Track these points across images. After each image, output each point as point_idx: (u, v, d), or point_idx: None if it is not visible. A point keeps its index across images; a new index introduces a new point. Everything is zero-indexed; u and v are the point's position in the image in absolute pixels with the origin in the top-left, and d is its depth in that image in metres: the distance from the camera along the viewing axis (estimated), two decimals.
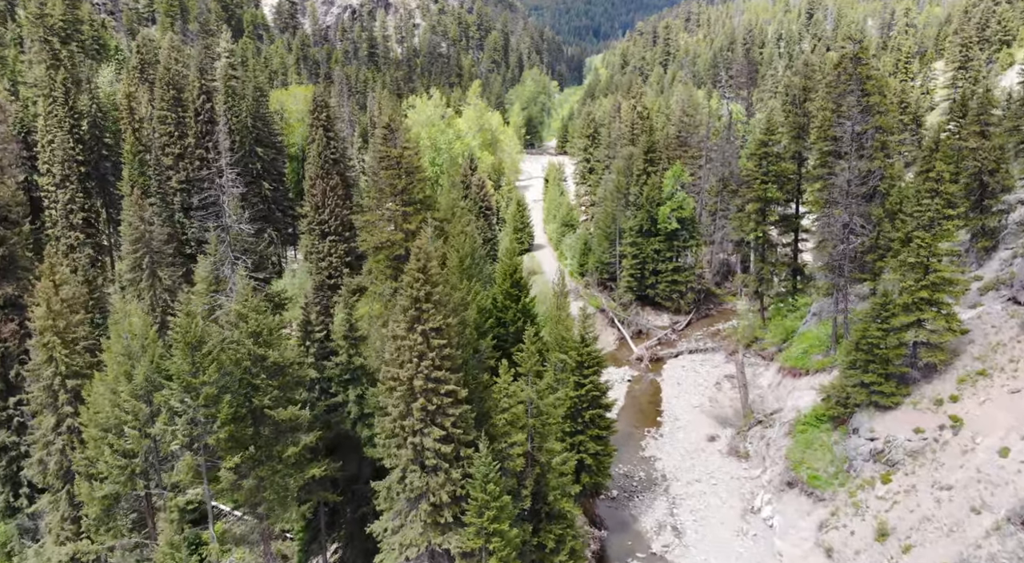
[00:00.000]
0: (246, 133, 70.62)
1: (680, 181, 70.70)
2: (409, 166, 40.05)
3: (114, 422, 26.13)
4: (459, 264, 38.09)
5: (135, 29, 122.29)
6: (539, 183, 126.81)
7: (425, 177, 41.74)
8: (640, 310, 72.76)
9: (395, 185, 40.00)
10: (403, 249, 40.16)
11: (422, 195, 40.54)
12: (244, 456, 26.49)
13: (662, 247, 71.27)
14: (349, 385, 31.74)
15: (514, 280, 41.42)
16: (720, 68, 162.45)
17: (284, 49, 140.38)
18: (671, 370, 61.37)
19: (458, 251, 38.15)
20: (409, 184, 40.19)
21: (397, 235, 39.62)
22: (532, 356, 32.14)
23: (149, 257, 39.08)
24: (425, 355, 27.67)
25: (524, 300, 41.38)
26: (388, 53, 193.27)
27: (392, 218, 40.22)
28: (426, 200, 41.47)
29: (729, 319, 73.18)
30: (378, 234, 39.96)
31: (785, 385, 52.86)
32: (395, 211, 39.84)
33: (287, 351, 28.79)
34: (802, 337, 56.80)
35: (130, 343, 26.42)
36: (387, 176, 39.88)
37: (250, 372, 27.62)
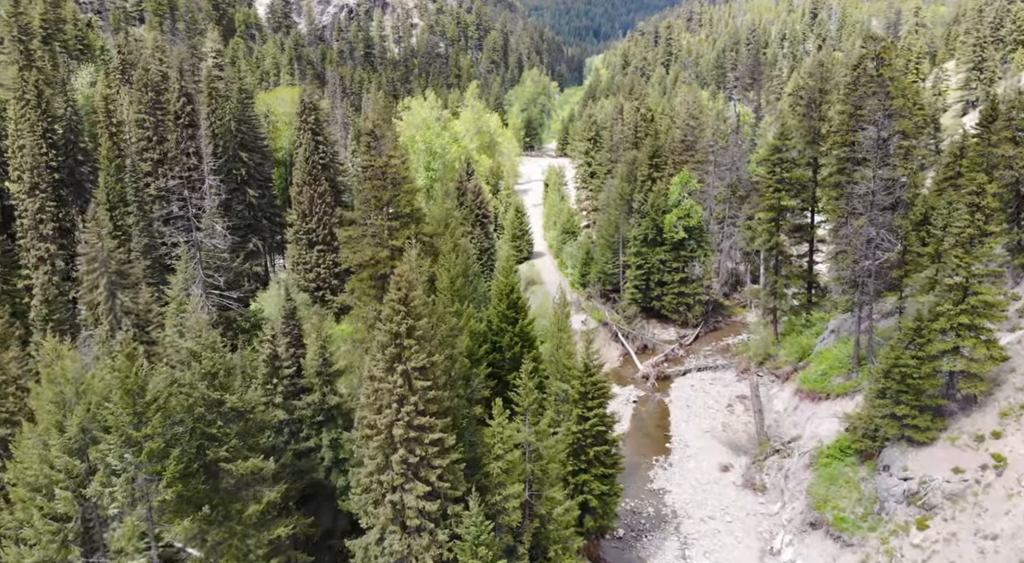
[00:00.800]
0: (230, 137, 67.01)
1: (688, 188, 67.05)
2: (396, 176, 36.45)
3: (44, 481, 22.48)
4: (450, 285, 34.46)
5: (123, 29, 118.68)
6: (539, 186, 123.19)
7: (413, 188, 38.11)
8: (645, 323, 69.14)
9: (380, 197, 36.41)
10: (389, 267, 36.54)
11: (410, 208, 36.93)
12: (196, 518, 22.86)
13: (668, 257, 67.65)
14: (323, 427, 28.14)
15: (511, 301, 37.77)
16: (725, 69, 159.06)
17: (277, 49, 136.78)
18: (679, 389, 57.73)
19: (449, 270, 34.51)
20: (395, 196, 36.59)
21: (382, 252, 36.06)
22: (530, 393, 28.50)
23: (107, 278, 35.41)
24: (406, 399, 24.05)
25: (522, 323, 37.72)
26: (385, 53, 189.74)
27: (377, 233, 36.64)
28: (415, 213, 37.85)
29: (739, 332, 69.56)
30: (361, 250, 36.37)
31: (803, 410, 49.22)
32: (380, 226, 36.26)
33: (249, 392, 25.10)
34: (820, 356, 53.15)
35: (63, 388, 22.77)
36: (371, 187, 36.28)
37: (204, 419, 23.96)
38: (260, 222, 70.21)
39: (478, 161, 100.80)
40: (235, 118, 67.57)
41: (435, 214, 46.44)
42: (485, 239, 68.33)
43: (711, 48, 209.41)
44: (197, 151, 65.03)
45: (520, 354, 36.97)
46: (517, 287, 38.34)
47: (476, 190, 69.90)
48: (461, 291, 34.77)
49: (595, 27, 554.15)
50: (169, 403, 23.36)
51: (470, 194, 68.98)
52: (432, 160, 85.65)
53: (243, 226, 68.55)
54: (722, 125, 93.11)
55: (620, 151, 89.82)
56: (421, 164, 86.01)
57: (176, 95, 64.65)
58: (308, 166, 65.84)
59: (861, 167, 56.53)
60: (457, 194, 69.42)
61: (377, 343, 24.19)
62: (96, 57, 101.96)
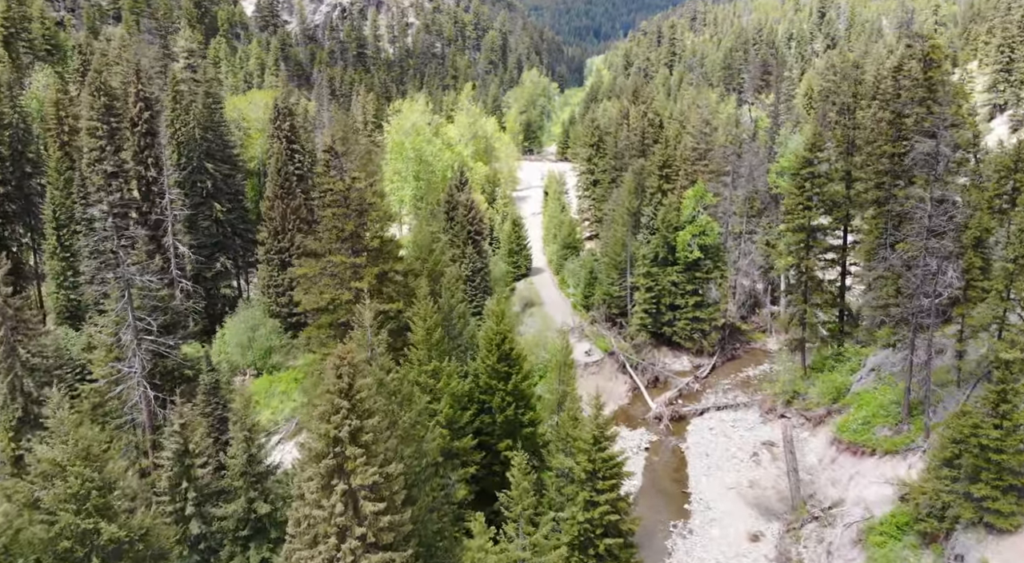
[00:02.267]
0: (194, 146, 60.29)
1: (703, 202, 60.33)
2: (360, 203, 29.83)
3: None
4: (425, 337, 27.77)
5: (97, 28, 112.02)
6: (538, 193, 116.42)
7: (384, 216, 31.43)
8: (655, 351, 62.44)
9: (341, 228, 29.79)
10: (352, 314, 29.94)
11: (378, 241, 30.27)
12: None
13: (681, 278, 60.92)
14: (250, 542, 21.44)
15: (502, 352, 31.10)
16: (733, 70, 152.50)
17: (262, 49, 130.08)
18: (697, 433, 51.05)
19: (425, 320, 27.81)
20: (361, 226, 29.97)
21: (344, 294, 29.51)
22: (524, 496, 21.83)
23: (4, 327, 28.76)
24: (350, 530, 17.31)
25: (516, 379, 31.02)
26: (379, 53, 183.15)
27: (338, 272, 30.04)
28: (385, 246, 31.20)
29: (759, 361, 62.87)
30: (319, 292, 29.78)
31: (843, 465, 42.53)
32: (341, 263, 29.65)
33: (139, 515, 18.39)
34: (859, 400, 46.46)
35: None
36: (331, 216, 29.66)
37: (71, 559, 17.23)
38: (229, 239, 63.54)
39: (473, 168, 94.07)
40: (200, 125, 60.84)
41: (418, 239, 39.86)
42: (478, 258, 61.62)
43: (716, 48, 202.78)
44: (157, 162, 58.35)
45: (513, 420, 30.31)
46: (510, 336, 31.59)
47: (469, 204, 63.21)
48: (439, 345, 28.07)
49: (595, 27, 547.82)
50: (19, 538, 16.62)
51: (461, 208, 62.28)
52: (422, 169, 78.94)
53: (210, 244, 61.91)
54: (734, 130, 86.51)
55: (626, 158, 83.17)
56: (410, 173, 79.35)
57: (133, 100, 58.01)
58: (280, 178, 59.21)
59: (901, 180, 50.07)
60: (447, 208, 62.74)
61: (308, 450, 17.49)
62: (66, 58, 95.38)
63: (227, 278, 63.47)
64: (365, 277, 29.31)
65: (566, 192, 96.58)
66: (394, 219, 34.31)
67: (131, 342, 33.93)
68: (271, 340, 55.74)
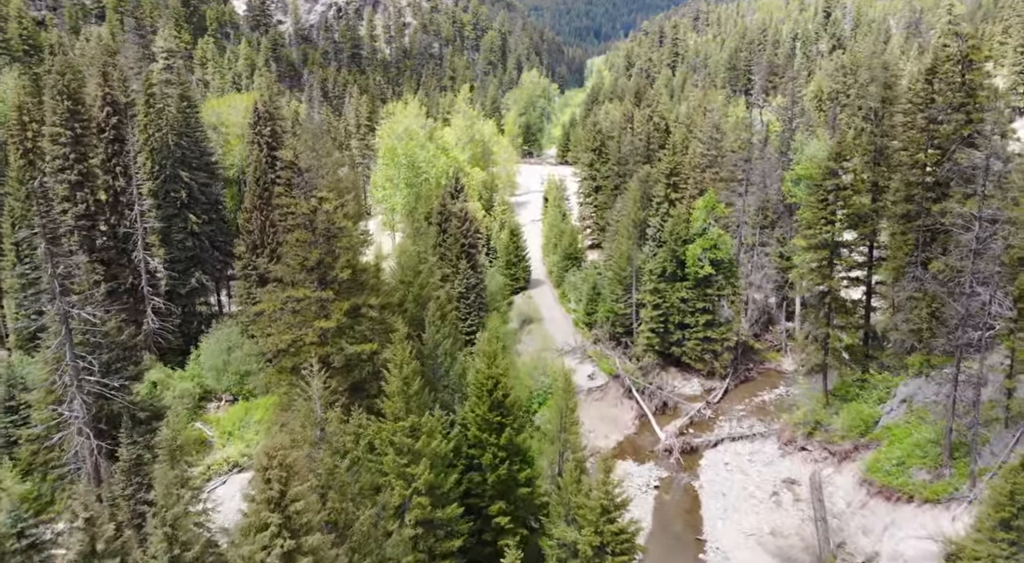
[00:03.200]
0: (167, 153, 56.03)
1: (715, 213, 56.07)
2: (328, 227, 25.56)
3: None
4: (402, 389, 23.49)
5: (80, 27, 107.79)
6: (538, 198, 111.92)
7: (358, 242, 27.15)
8: (663, 373, 58.21)
9: (306, 257, 25.52)
10: (319, 357, 25.64)
11: (348, 272, 25.97)
12: None
13: (691, 295, 56.68)
14: None
15: (495, 400, 26.83)
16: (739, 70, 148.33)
17: (253, 49, 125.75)
18: (711, 468, 46.77)
19: (402, 369, 23.52)
20: (329, 255, 25.71)
21: (308, 335, 25.27)
22: None
23: None
24: None
25: (510, 431, 26.70)
26: (375, 54, 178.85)
27: (302, 308, 25.79)
28: (358, 277, 26.91)
29: (775, 384, 58.63)
30: (278, 332, 25.53)
31: (876, 511, 38.27)
32: (305, 298, 25.39)
33: None
34: (890, 435, 42.24)
35: None
36: (294, 244, 25.37)
37: None
38: (206, 252, 59.25)
39: (469, 174, 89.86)
40: (174, 130, 56.56)
41: (403, 260, 35.57)
42: (473, 274, 57.33)
43: (719, 48, 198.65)
44: (125, 170, 54.11)
45: (508, 477, 26.03)
46: (504, 380, 27.25)
47: (463, 214, 58.92)
48: (418, 397, 23.79)
49: (596, 27, 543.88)
50: None
51: (455, 219, 58.00)
52: (415, 175, 74.67)
53: (184, 258, 57.68)
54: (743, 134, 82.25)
55: (630, 164, 78.96)
56: (402, 179, 75.10)
57: (99, 103, 53.78)
58: (260, 187, 55.03)
59: (933, 193, 45.85)
60: (439, 219, 58.48)
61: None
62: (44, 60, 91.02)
63: (204, 294, 59.24)
64: (333, 314, 25.11)
65: (567, 198, 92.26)
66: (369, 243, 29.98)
67: (71, 384, 29.66)
68: (248, 363, 51.42)
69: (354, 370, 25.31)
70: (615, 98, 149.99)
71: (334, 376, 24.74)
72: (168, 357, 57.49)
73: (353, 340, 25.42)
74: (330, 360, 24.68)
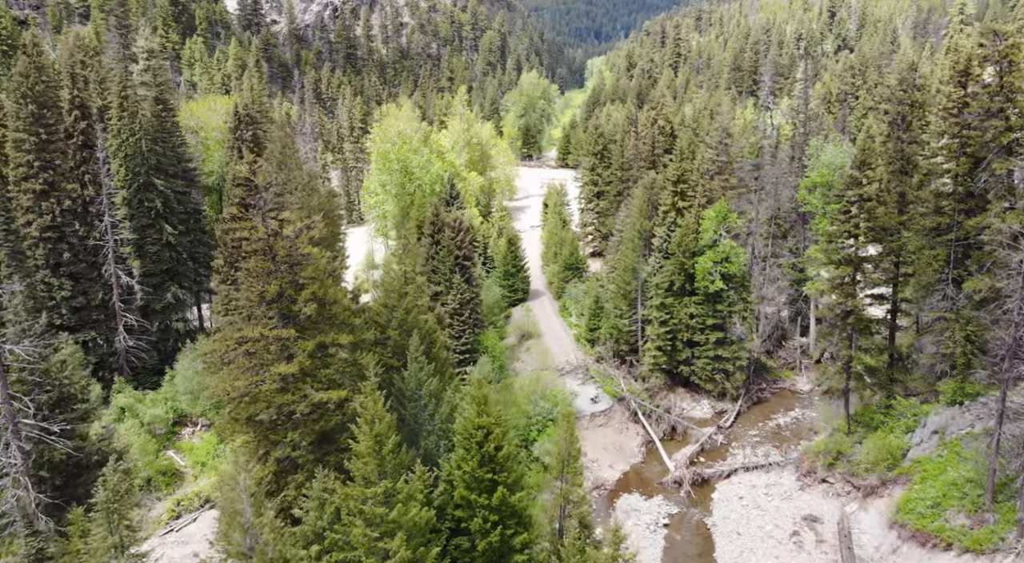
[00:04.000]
0: (140, 160, 52.42)
1: (726, 224, 52.45)
2: (291, 254, 21.94)
3: None
4: (373, 449, 19.85)
5: (64, 26, 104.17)
6: (537, 202, 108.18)
7: (324, 272, 23.48)
8: (671, 394, 54.62)
9: (264, 290, 21.90)
10: (276, 408, 22.01)
11: (312, 307, 22.29)
12: None
13: (701, 312, 53.10)
14: None
15: (485, 454, 23.16)
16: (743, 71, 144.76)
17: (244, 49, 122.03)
18: (724, 503, 43.11)
19: (373, 425, 19.88)
20: (291, 287, 22.10)
21: (264, 384, 21.66)
22: None
23: None
24: None
25: (503, 490, 23.03)
26: (372, 54, 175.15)
27: (258, 349, 22.17)
28: (326, 311, 23.25)
29: (789, 405, 55.03)
30: (231, 377, 21.92)
31: (909, 558, 34.65)
32: (261, 338, 21.78)
33: None
34: (922, 470, 38.62)
35: None
36: (250, 275, 21.74)
37: None
38: (183, 265, 55.62)
39: (466, 179, 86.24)
40: (148, 135, 52.94)
41: (386, 281, 31.96)
42: (467, 289, 53.71)
43: (722, 49, 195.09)
44: (95, 178, 50.54)
45: (500, 545, 22.38)
46: (498, 430, 23.57)
47: (457, 225, 55.28)
48: (393, 458, 20.15)
49: (596, 28, 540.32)
50: None
51: (448, 230, 54.38)
52: (408, 182, 71.05)
53: (159, 271, 54.10)
54: (753, 139, 78.65)
55: (634, 170, 75.40)
56: (394, 185, 71.49)
57: (67, 107, 50.24)
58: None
59: (966, 204, 42.21)
60: (432, 230, 54.85)
61: None
62: None
63: (181, 310, 55.55)
64: (296, 356, 21.50)
65: (567, 204, 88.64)
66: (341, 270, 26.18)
67: (5, 429, 26.04)
68: None
69: (320, 420, 21.74)
70: (617, 99, 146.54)
71: (296, 428, 21.14)
72: (143, 377, 53.94)
73: (320, 386, 21.84)
74: (291, 410, 21.10)
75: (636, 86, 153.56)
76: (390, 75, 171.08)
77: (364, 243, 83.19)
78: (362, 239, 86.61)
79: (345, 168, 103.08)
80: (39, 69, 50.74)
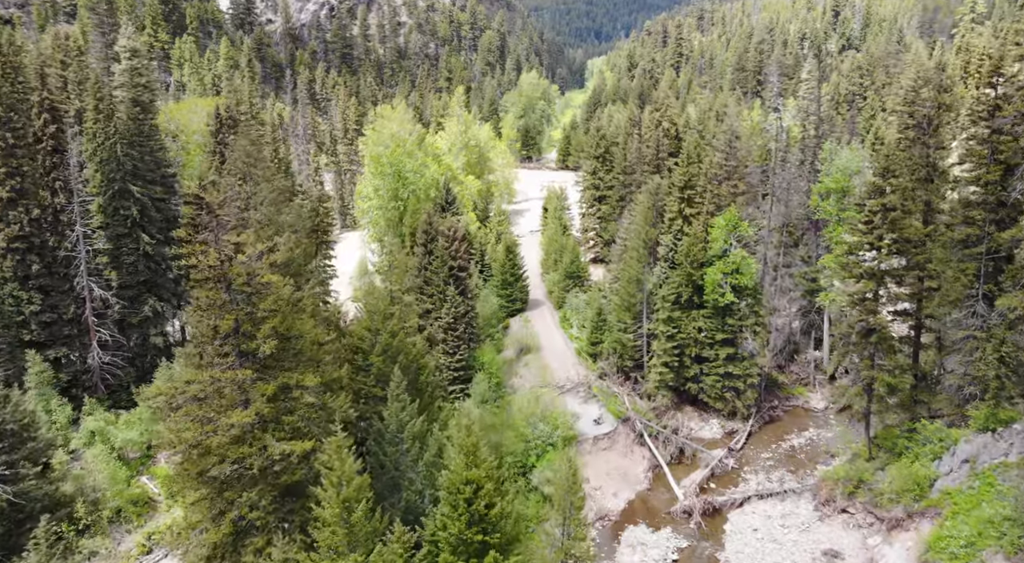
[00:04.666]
0: (115, 166, 49.45)
1: (737, 233, 49.46)
2: (249, 283, 18.94)
3: None
4: (339, 516, 16.82)
5: (49, 26, 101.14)
6: (537, 206, 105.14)
7: (291, 302, 20.44)
8: (678, 413, 51.64)
9: (214, 325, 18.90)
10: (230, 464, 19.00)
11: (271, 344, 19.24)
12: None
13: (710, 326, 50.12)
14: None
15: (475, 513, 20.05)
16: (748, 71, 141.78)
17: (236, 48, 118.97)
18: (737, 535, 40.10)
19: (339, 487, 16.86)
20: (249, 321, 19.10)
21: (215, 437, 18.64)
22: None
23: None
24: None
25: (494, 552, 19.97)
26: (369, 54, 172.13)
27: (210, 394, 19.17)
28: (289, 347, 20.22)
29: (803, 425, 52.03)
30: (178, 425, 18.90)
31: None
32: (214, 380, 18.78)
33: None
34: (952, 503, 35.60)
35: None
36: (199, 307, 18.72)
37: None
38: (161, 276, 52.63)
39: (463, 183, 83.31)
40: (124, 139, 49.95)
41: (369, 303, 28.94)
42: (462, 302, 50.70)
43: (725, 48, 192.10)
44: (66, 185, 47.57)
45: None
46: (489, 485, 20.45)
47: (452, 233, 52.31)
48: (363, 527, 17.10)
49: (596, 28, 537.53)
50: None
51: (442, 239, 51.40)
52: (402, 187, 68.04)
53: (136, 283, 51.15)
54: (758, 141, 75.66)
55: (637, 174, 72.44)
56: (387, 191, 68.51)
57: (36, 109, 47.26)
58: None
59: (997, 214, 39.20)
60: (424, 239, 51.88)
61: None
62: None
63: (159, 323, 52.57)
64: (254, 401, 18.48)
65: (568, 208, 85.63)
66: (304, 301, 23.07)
67: None
68: None
69: (283, 475, 18.78)
70: (618, 100, 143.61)
71: (255, 485, 18.16)
72: (119, 395, 50.94)
73: (283, 435, 18.85)
74: (248, 464, 18.13)
75: (638, 86, 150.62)
76: (387, 75, 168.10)
77: (358, 249, 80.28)
78: (356, 245, 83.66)
79: (339, 171, 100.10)
80: (15, 69, 47.88)
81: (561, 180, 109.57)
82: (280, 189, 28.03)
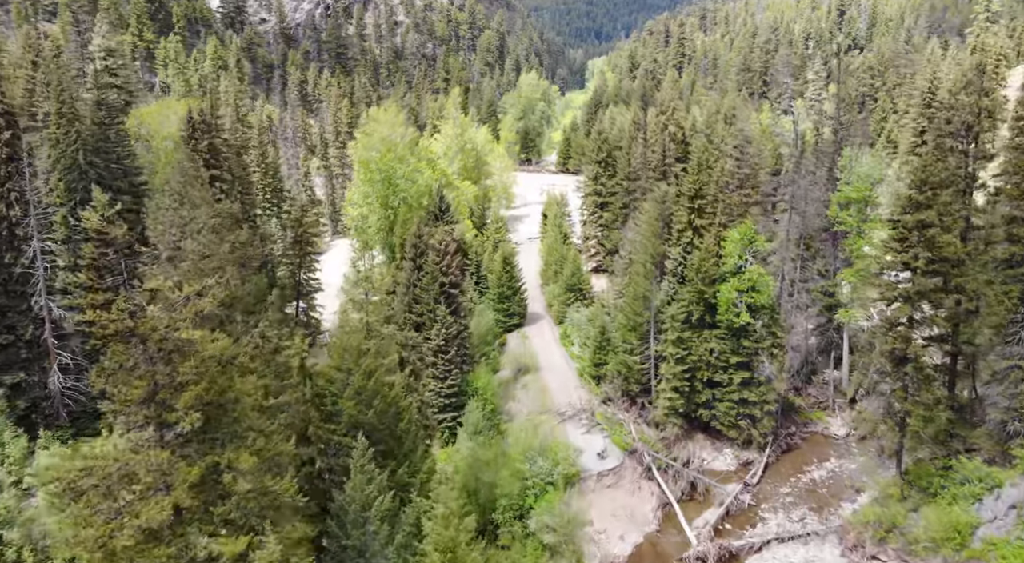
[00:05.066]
0: (78, 174, 45.56)
1: (754, 248, 45.54)
2: (171, 340, 15.02)
3: None
4: None
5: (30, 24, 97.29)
6: (537, 210, 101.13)
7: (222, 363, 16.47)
8: (689, 442, 47.76)
9: (131, 388, 15.00)
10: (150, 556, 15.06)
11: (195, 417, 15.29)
12: None
13: (723, 347, 46.24)
14: None
15: None
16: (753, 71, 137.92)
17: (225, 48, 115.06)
18: None
19: None
20: (168, 387, 15.21)
21: (121, 537, 14.77)
22: None
23: None
24: None
25: None
26: (365, 54, 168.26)
27: (129, 472, 15.31)
28: (224, 413, 16.28)
29: (824, 454, 48.16)
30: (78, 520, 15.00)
31: None
32: (119, 463, 14.90)
33: None
34: (999, 556, 31.76)
35: None
36: (103, 371, 14.78)
37: None
38: (130, 290, 48.54)
39: (459, 189, 79.41)
40: (88, 145, 46.07)
41: (342, 339, 25.12)
42: (454, 321, 46.79)
43: (729, 48, 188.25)
44: (22, 196, 43.63)
45: None
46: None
47: (443, 247, 48.40)
48: None
49: (597, 28, 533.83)
50: None
51: (433, 253, 47.51)
52: (392, 194, 64.14)
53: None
54: (770, 145, 71.77)
55: (642, 180, 68.50)
56: (376, 198, 64.62)
57: None
58: None
59: None
60: (414, 253, 48.01)
61: None
62: None
63: None
64: (175, 487, 14.53)
65: (568, 215, 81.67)
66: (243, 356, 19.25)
67: None
68: None
69: None
70: (620, 101, 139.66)
71: None
72: (83, 423, 46.90)
73: (211, 530, 14.98)
74: None
75: (640, 87, 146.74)
76: (383, 76, 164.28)
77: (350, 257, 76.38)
78: (347, 252, 79.78)
79: (330, 175, 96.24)
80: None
81: (561, 184, 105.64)
82: (223, 214, 24.38)
